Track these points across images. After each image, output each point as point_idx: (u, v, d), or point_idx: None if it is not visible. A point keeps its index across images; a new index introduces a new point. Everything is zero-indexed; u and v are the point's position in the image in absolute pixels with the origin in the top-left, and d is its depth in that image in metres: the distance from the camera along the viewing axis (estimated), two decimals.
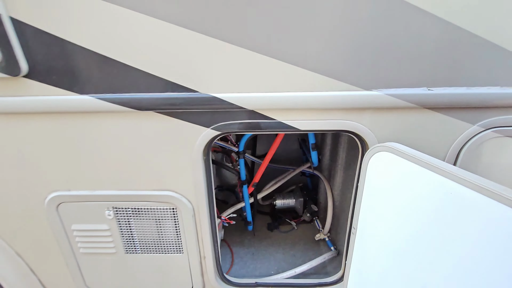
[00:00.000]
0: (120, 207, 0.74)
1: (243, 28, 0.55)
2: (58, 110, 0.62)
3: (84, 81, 0.60)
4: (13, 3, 0.54)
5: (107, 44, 0.57)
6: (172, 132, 0.65)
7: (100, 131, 0.65)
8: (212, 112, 0.62)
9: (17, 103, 0.61)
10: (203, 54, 0.57)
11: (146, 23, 0.55)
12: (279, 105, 0.61)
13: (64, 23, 0.55)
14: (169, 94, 0.60)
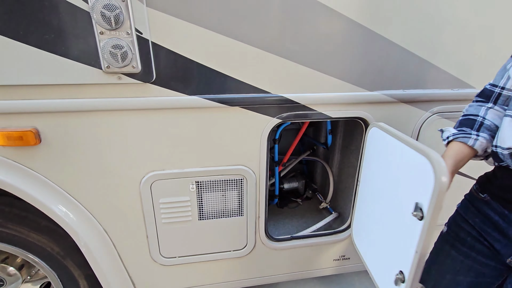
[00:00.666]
0: (201, 180, 0.98)
1: (302, 53, 0.88)
2: (171, 107, 0.86)
3: (193, 85, 0.85)
4: (154, 31, 0.78)
5: (208, 58, 0.84)
6: (248, 121, 0.93)
7: (197, 122, 0.90)
8: (278, 107, 0.93)
9: (143, 102, 0.83)
10: (274, 68, 0.88)
11: (237, 47, 0.84)
12: (320, 101, 0.95)
13: (182, 43, 0.81)
14: (251, 95, 0.90)
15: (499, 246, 0.66)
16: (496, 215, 0.67)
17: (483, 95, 0.71)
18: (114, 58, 0.76)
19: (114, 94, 0.82)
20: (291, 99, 0.92)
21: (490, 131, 0.66)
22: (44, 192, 0.87)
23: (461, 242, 0.73)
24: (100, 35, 0.74)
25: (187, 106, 0.87)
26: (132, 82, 0.80)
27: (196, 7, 0.78)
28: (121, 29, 0.74)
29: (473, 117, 0.69)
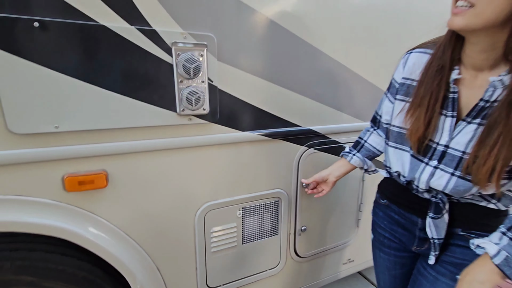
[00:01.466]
0: (246, 206, 1.09)
1: (324, 96, 1.14)
2: (228, 142, 0.98)
3: (246, 123, 1.00)
4: (221, 79, 0.91)
5: (258, 100, 1.01)
6: (285, 150, 1.11)
7: (246, 153, 1.03)
8: (306, 137, 1.14)
9: (207, 139, 0.93)
10: (304, 107, 1.11)
11: (281, 92, 1.04)
12: (335, 130, 1.21)
13: (240, 89, 0.97)
14: (288, 128, 1.09)
15: (404, 239, 0.81)
16: (396, 215, 0.82)
17: (372, 120, 0.93)
18: (189, 102, 0.86)
19: (183, 134, 0.90)
20: (315, 130, 1.15)
21: (367, 152, 0.92)
22: (107, 238, 0.85)
23: (382, 244, 0.87)
24: (180, 83, 0.84)
25: (240, 141, 1.00)
26: (201, 122, 0.91)
27: (252, 61, 0.96)
28: (197, 78, 0.86)
29: (359, 140, 0.94)
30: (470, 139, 0.61)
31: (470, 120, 0.62)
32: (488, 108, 0.60)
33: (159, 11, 0.78)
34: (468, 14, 0.54)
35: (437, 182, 0.66)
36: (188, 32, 0.83)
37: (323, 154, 1.20)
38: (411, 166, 0.71)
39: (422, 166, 0.69)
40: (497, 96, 0.58)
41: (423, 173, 0.68)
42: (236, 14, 0.89)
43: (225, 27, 0.88)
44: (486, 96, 0.59)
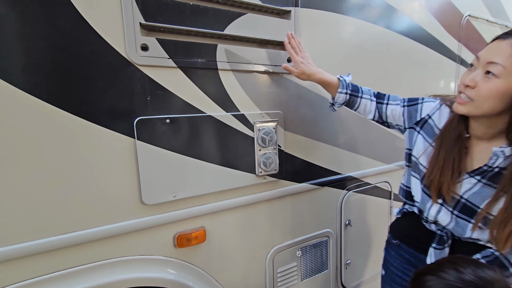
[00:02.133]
0: (303, 246, 1.26)
1: (360, 148, 1.38)
2: (291, 193, 1.18)
3: (303, 176, 1.21)
4: (286, 144, 1.14)
5: (313, 157, 1.24)
6: (331, 195, 1.32)
7: (304, 200, 1.24)
8: (346, 182, 1.36)
9: (276, 192, 1.13)
10: (345, 158, 1.34)
11: (329, 148, 1.28)
12: (367, 174, 1.44)
13: (299, 150, 1.19)
14: (333, 177, 1.31)
15: None
16: (407, 254, 0.90)
17: (378, 96, 0.97)
18: (265, 165, 1.07)
19: (259, 190, 1.10)
20: (352, 176, 1.38)
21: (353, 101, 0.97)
22: (204, 285, 1.00)
23: (394, 281, 0.94)
24: (258, 151, 1.06)
25: (300, 191, 1.21)
26: (272, 180, 1.12)
27: (307, 128, 1.20)
28: (270, 146, 1.08)
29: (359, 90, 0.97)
30: (469, 189, 0.75)
31: (473, 175, 0.75)
32: (489, 171, 0.72)
33: (245, 99, 1.02)
34: (469, 105, 0.69)
35: (442, 218, 0.79)
36: (264, 112, 1.06)
37: (360, 195, 1.42)
38: (422, 198, 0.83)
39: (430, 202, 0.81)
40: (498, 163, 0.70)
41: (431, 208, 0.81)
42: (296, 94, 1.14)
43: (289, 105, 1.13)
44: (490, 162, 0.71)
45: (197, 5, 0.88)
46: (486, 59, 0.67)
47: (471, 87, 0.68)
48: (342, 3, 1.19)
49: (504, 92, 0.64)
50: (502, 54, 0.64)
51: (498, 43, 0.66)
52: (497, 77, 0.64)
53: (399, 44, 1.42)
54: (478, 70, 0.68)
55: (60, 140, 0.75)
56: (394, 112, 0.94)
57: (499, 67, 0.64)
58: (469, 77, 0.69)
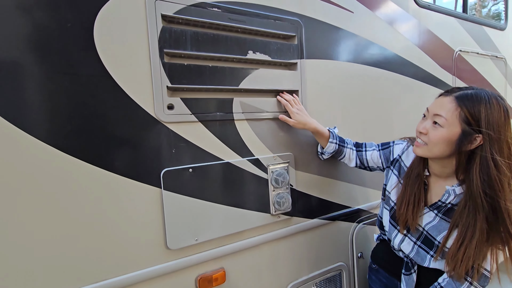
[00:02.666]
0: (318, 281, 1.29)
1: (366, 181, 1.44)
2: (303, 230, 1.23)
3: (314, 212, 1.27)
4: (298, 183, 1.21)
5: (324, 193, 1.30)
6: (342, 228, 1.37)
7: (315, 236, 1.28)
8: (356, 215, 1.41)
9: (290, 229, 1.19)
10: (354, 192, 1.40)
11: (341, 184, 1.34)
12: (376, 206, 1.49)
13: (309, 187, 1.26)
14: (344, 210, 1.36)
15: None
16: (384, 279, 1.04)
17: (357, 145, 1.17)
18: (279, 205, 1.13)
19: (274, 229, 1.16)
20: (362, 208, 1.43)
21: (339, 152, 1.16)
22: None
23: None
24: (272, 192, 1.13)
25: (312, 226, 1.26)
26: (286, 218, 1.17)
27: (316, 166, 1.27)
28: (283, 186, 1.15)
29: (345, 143, 1.15)
30: (429, 222, 0.88)
31: (432, 209, 0.88)
32: (444, 207, 0.85)
33: (259, 145, 1.11)
34: (424, 148, 0.83)
35: (405, 247, 0.93)
36: (276, 154, 1.14)
37: (370, 226, 1.46)
38: (389, 228, 0.99)
39: (395, 232, 0.96)
40: (450, 200, 0.83)
41: (396, 237, 0.96)
42: (304, 136, 1.23)
43: (298, 146, 1.21)
44: (443, 199, 0.85)
45: (215, 66, 0.99)
46: (433, 112, 0.81)
47: (424, 133, 0.82)
48: (341, 51, 1.31)
49: (448, 139, 0.78)
50: (445, 108, 0.78)
51: (442, 99, 0.81)
52: (442, 127, 0.78)
53: (399, 82, 1.53)
54: (428, 120, 0.83)
55: (98, 195, 0.83)
56: (373, 156, 1.12)
57: (443, 119, 0.78)
58: (422, 125, 0.84)
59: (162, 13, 0.89)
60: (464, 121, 0.75)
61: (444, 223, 0.85)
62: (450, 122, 0.77)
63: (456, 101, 0.77)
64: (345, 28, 1.31)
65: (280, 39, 1.14)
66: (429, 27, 1.66)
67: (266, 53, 1.09)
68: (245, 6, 1.04)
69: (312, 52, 1.22)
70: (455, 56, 1.81)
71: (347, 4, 1.32)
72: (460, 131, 0.76)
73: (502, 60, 2.17)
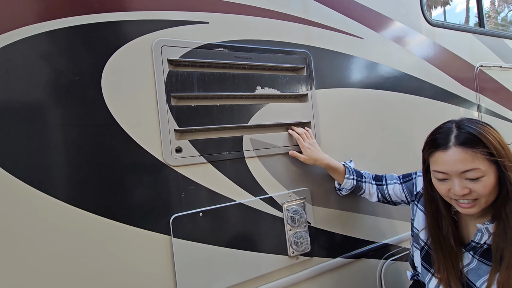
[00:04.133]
0: None
1: (389, 211, 1.34)
2: (326, 270, 1.13)
3: (336, 251, 1.17)
4: (315, 220, 1.13)
5: (343, 227, 1.21)
6: (369, 266, 1.25)
7: (339, 276, 1.17)
8: (383, 250, 1.29)
9: (311, 271, 1.09)
10: (378, 225, 1.29)
11: (359, 217, 1.25)
12: (404, 239, 1.36)
13: (328, 223, 1.17)
14: (368, 246, 1.25)
15: None
16: None
17: (377, 179, 1.10)
18: (296, 245, 1.05)
19: (293, 271, 1.07)
20: (388, 242, 1.31)
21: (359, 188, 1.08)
22: None
23: None
24: (289, 231, 1.06)
25: (335, 266, 1.16)
26: (305, 259, 1.09)
27: (335, 200, 1.19)
28: (300, 224, 1.08)
29: (363, 177, 1.09)
30: (468, 264, 0.78)
31: (468, 250, 0.79)
32: (479, 247, 0.76)
33: (272, 182, 1.06)
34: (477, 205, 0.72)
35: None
36: (291, 191, 1.08)
37: (400, 262, 1.33)
38: (422, 270, 0.88)
39: (429, 275, 0.85)
40: (485, 240, 0.75)
41: (430, 282, 0.85)
42: (320, 169, 1.16)
43: (315, 180, 1.15)
44: (476, 239, 0.76)
45: (223, 105, 0.98)
46: (458, 171, 0.70)
47: (467, 193, 0.71)
48: (353, 78, 1.27)
49: (494, 184, 0.70)
50: (466, 160, 0.69)
51: (452, 155, 0.71)
52: (483, 176, 0.69)
53: (417, 104, 1.45)
54: (456, 179, 0.71)
55: (105, 246, 0.80)
56: (395, 191, 1.04)
57: (478, 170, 0.68)
58: (456, 189, 0.71)
59: (169, 58, 0.89)
60: (490, 157, 0.68)
61: (484, 266, 0.75)
62: (486, 167, 0.68)
63: (467, 146, 0.70)
64: (355, 55, 1.28)
65: (288, 72, 1.12)
66: (444, 45, 1.60)
67: (275, 87, 1.07)
68: (251, 43, 1.04)
69: (323, 82, 1.18)
70: (476, 72, 1.72)
71: (356, 31, 1.29)
72: (495, 169, 0.69)
73: None
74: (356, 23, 1.30)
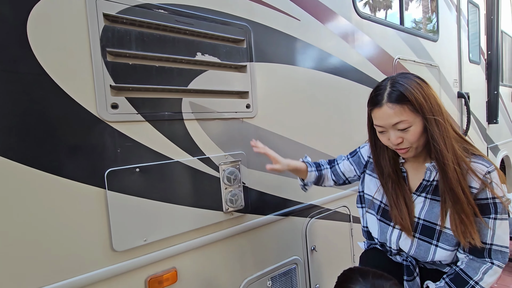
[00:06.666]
0: (273, 276, 1.33)
1: None
2: (257, 226, 1.27)
3: (267, 209, 1.32)
4: (250, 181, 1.25)
5: (275, 190, 1.36)
6: (295, 223, 1.43)
7: (269, 232, 1.33)
8: (308, 210, 1.49)
9: (243, 226, 1.22)
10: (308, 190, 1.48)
11: (286, 180, 1.41)
12: (327, 201, 1.58)
13: (261, 185, 1.30)
14: (296, 206, 1.43)
15: None
16: None
17: (329, 162, 1.17)
18: (231, 202, 1.16)
19: (227, 226, 1.18)
20: (314, 203, 1.51)
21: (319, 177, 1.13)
22: None
23: None
24: (224, 190, 1.16)
25: (266, 223, 1.31)
26: (239, 215, 1.20)
27: (262, 162, 1.32)
28: (235, 184, 1.18)
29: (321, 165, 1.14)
30: (422, 208, 0.87)
31: (419, 193, 0.89)
32: (429, 186, 0.86)
33: (210, 144, 1.13)
34: (411, 151, 0.83)
35: (403, 243, 0.89)
36: (228, 153, 1.18)
37: (322, 220, 1.55)
38: (380, 228, 0.95)
39: (390, 229, 0.93)
40: (433, 176, 0.85)
41: (392, 235, 0.92)
42: (256, 135, 1.28)
43: (250, 146, 1.26)
44: (426, 177, 0.87)
45: (162, 66, 1.01)
46: (390, 123, 0.81)
47: (401, 142, 0.82)
48: (288, 55, 1.40)
49: (420, 132, 0.81)
50: (396, 114, 0.79)
51: (383, 110, 0.81)
52: (410, 126, 0.80)
53: (342, 85, 1.66)
54: (390, 131, 0.83)
55: (34, 198, 0.79)
56: (345, 166, 1.12)
57: (405, 122, 0.79)
58: (393, 137, 0.82)
59: (104, 12, 0.89)
60: (415, 110, 0.78)
61: (436, 204, 0.85)
62: (412, 118, 0.79)
63: (395, 102, 0.79)
64: (292, 34, 1.40)
65: (229, 42, 1.19)
66: (370, 37, 1.83)
67: (215, 55, 1.13)
68: (193, 9, 1.08)
69: (262, 56, 1.28)
70: (394, 63, 2.01)
71: (294, 13, 1.41)
72: (421, 119, 0.79)
73: (436, 68, 2.44)
74: (295, 5, 1.42)
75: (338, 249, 1.64)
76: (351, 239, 1.72)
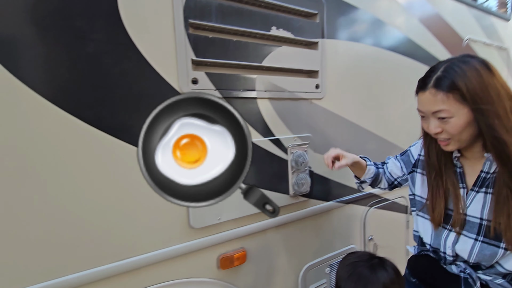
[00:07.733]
0: (331, 263, 1.30)
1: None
2: (320, 211, 1.23)
3: (330, 195, 1.27)
4: (314, 166, 1.20)
5: (338, 176, 1.30)
6: (354, 211, 1.37)
7: (330, 218, 1.28)
8: (368, 199, 1.42)
9: (309, 211, 1.18)
10: None
11: None
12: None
13: (326, 170, 1.25)
14: (356, 194, 1.36)
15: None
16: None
17: (382, 163, 1.06)
18: (298, 186, 1.12)
19: (293, 210, 1.15)
20: (373, 193, 1.44)
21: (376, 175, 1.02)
22: None
23: None
24: (292, 173, 1.12)
25: (328, 209, 1.26)
26: (304, 200, 1.17)
27: (328, 147, 1.26)
28: (303, 167, 1.14)
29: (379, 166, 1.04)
30: (483, 206, 0.75)
31: (478, 189, 0.76)
32: (489, 179, 0.74)
33: (280, 125, 1.09)
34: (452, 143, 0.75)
35: (461, 247, 0.76)
36: (297, 136, 1.13)
37: (380, 210, 1.48)
38: (433, 233, 0.83)
39: (445, 232, 0.80)
40: (494, 168, 0.74)
41: (447, 238, 0.80)
42: (323, 118, 1.21)
43: (317, 128, 1.20)
44: (485, 168, 0.75)
45: (239, 41, 0.96)
46: (430, 111, 0.73)
47: (440, 132, 0.74)
48: (362, 34, 1.29)
49: (466, 123, 0.70)
50: (438, 101, 0.70)
51: (427, 95, 0.72)
52: (451, 117, 0.70)
53: (411, 67, 1.53)
54: (431, 119, 0.74)
55: (124, 171, 0.80)
56: (392, 166, 1.01)
57: (445, 112, 0.70)
58: (432, 126, 0.75)
59: None
60: (463, 100, 0.69)
61: (489, 196, 0.74)
62: (455, 109, 0.69)
63: (440, 89, 0.70)
64: (368, 11, 1.29)
65: (302, 16, 1.11)
66: (441, 14, 1.66)
67: (289, 30, 1.06)
68: None
69: (334, 33, 1.19)
70: (464, 44, 1.82)
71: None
72: (469, 110, 0.69)
73: (505, 51, 2.20)
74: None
75: (393, 241, 1.57)
76: (406, 231, 1.64)
